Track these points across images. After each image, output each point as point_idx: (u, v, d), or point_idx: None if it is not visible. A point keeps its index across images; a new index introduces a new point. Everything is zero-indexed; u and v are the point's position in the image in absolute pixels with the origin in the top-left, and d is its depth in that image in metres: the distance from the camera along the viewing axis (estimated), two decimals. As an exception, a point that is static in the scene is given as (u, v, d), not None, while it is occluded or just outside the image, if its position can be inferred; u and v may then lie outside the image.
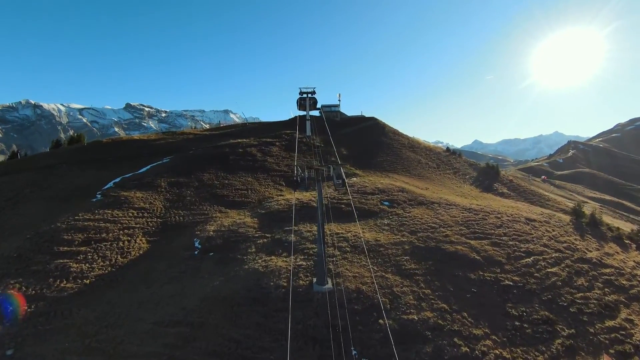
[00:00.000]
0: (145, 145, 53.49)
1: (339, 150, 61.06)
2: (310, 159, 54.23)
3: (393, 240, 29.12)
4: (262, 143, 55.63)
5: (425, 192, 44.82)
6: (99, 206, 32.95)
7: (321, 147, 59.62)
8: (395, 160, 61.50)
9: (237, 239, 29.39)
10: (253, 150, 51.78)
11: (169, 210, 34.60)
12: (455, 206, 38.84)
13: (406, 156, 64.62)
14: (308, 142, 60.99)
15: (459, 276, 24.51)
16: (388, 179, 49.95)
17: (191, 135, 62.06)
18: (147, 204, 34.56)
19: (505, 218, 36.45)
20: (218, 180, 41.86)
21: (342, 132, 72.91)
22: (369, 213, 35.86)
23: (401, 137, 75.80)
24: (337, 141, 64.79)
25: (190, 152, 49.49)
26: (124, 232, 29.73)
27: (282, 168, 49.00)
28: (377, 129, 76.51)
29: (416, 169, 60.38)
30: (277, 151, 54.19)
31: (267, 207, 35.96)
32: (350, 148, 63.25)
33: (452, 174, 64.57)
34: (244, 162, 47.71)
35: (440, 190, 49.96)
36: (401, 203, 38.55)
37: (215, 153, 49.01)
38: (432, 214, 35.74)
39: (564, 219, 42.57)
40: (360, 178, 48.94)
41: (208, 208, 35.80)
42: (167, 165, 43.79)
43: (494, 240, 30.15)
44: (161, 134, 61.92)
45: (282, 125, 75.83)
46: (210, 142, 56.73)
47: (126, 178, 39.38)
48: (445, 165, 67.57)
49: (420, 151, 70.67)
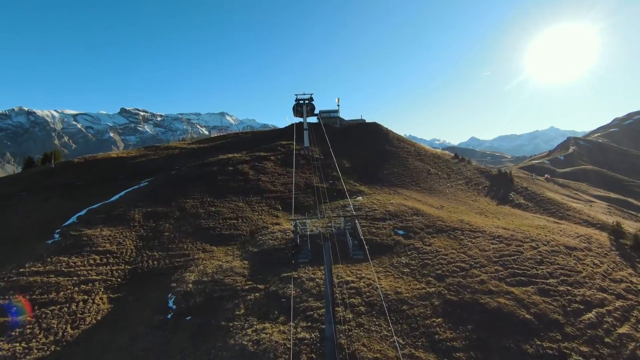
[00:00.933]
0: (122, 164, 47.18)
1: (341, 162, 55.05)
2: (310, 174, 48.16)
3: (418, 291, 23.09)
4: (256, 158, 49.45)
5: (442, 213, 38.87)
6: (53, 251, 26.71)
7: (321, 160, 53.56)
8: (403, 172, 55.50)
9: (223, 294, 23.27)
10: (245, 168, 45.59)
11: (142, 251, 28.40)
12: (481, 233, 32.91)
13: (414, 166, 58.66)
14: (306, 154, 54.92)
15: (512, 349, 18.54)
16: (398, 197, 43.96)
17: (177, 149, 55.77)
18: (114, 244, 28.35)
19: (542, 248, 30.57)
20: (203, 207, 35.67)
21: (343, 140, 66.84)
22: (382, 247, 29.83)
23: (406, 144, 69.84)
24: (338, 151, 58.83)
25: (173, 172, 43.27)
26: (80, 289, 23.53)
27: (278, 188, 42.85)
28: (380, 135, 70.48)
29: (426, 181, 54.43)
30: (272, 167, 48.04)
31: (261, 243, 29.86)
32: (353, 159, 57.20)
33: (464, 185, 58.72)
34: (234, 183, 41.54)
35: (456, 209, 44.05)
36: (418, 231, 32.55)
37: (201, 173, 42.80)
38: (457, 247, 29.79)
39: (603, 241, 36.86)
40: (367, 197, 42.92)
41: (190, 246, 29.63)
42: (145, 191, 37.54)
43: (541, 285, 24.22)
44: (143, 150, 55.60)
45: (277, 134, 69.62)
46: (197, 158, 50.49)
47: (93, 210, 33.13)
48: (455, 175, 61.72)
49: (427, 159, 64.76)
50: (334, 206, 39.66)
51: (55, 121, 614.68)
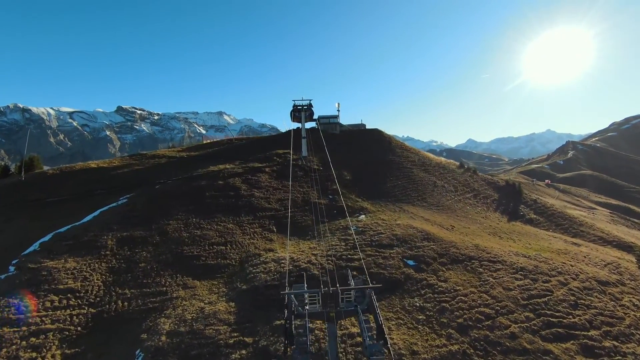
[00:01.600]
0: (102, 176, 42.71)
1: (341, 173, 50.95)
2: (308, 188, 44.04)
3: (438, 350, 19.04)
4: (249, 170, 45.21)
5: (454, 237, 34.90)
6: (4, 291, 22.42)
7: (320, 172, 49.44)
8: (408, 184, 51.48)
9: (201, 351, 19.11)
10: (237, 182, 41.35)
11: (112, 288, 24.17)
12: (501, 264, 28.99)
13: (419, 178, 54.66)
14: (304, 165, 50.73)
15: None
16: (405, 216, 39.94)
17: (164, 158, 51.30)
18: (79, 280, 24.10)
19: (573, 284, 26.72)
20: (188, 230, 31.44)
21: (343, 148, 62.72)
22: (391, 283, 25.77)
23: (410, 152, 65.86)
24: (338, 161, 54.69)
25: (157, 187, 38.94)
26: (29, 343, 19.28)
27: (273, 205, 38.68)
28: (383, 143, 66.43)
29: (433, 195, 50.45)
30: (266, 180, 43.83)
31: (251, 277, 25.71)
32: (354, 170, 53.10)
33: (472, 198, 54.85)
34: (224, 200, 37.30)
35: (468, 229, 40.12)
36: (431, 262, 28.54)
37: (188, 188, 38.50)
38: (476, 283, 25.83)
39: (633, 271, 33.24)
40: (370, 216, 38.86)
41: (168, 281, 25.43)
42: (122, 210, 33.21)
43: (583, 340, 20.28)
44: (127, 158, 51.07)
45: (274, 141, 65.38)
46: (186, 169, 46.15)
47: (60, 235, 28.81)
48: (463, 187, 57.84)
49: (432, 170, 60.83)
50: (334, 227, 35.58)
51: (50, 119, 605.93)
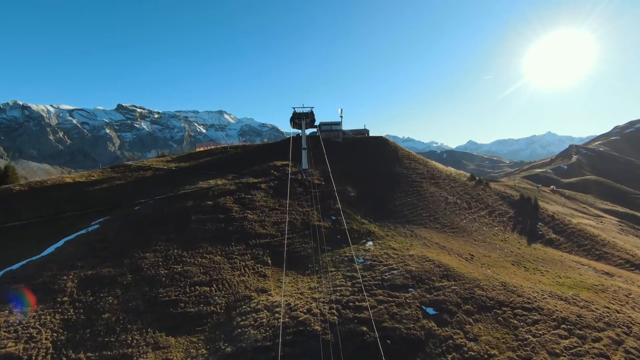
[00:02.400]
0: (76, 194, 37.75)
1: (345, 189, 46.03)
2: (308, 208, 39.15)
3: None
4: (243, 187, 40.27)
5: (477, 272, 30.02)
6: None
7: (321, 187, 44.55)
8: (418, 201, 46.58)
9: None
10: (228, 202, 36.42)
11: (63, 352, 19.28)
12: (538, 313, 24.17)
13: (429, 194, 49.75)
14: (304, 179, 45.83)
15: None
16: (418, 243, 35.04)
17: (150, 171, 46.25)
18: (22, 341, 19.21)
19: (629, 343, 21.94)
20: (167, 265, 26.55)
21: (347, 158, 57.80)
22: (409, 342, 20.89)
23: (417, 163, 60.93)
24: (342, 174, 49.79)
25: (137, 208, 34.02)
26: None
27: (268, 229, 33.78)
28: (389, 153, 61.49)
29: (445, 213, 45.58)
30: (262, 199, 38.92)
31: (238, 334, 20.83)
32: (359, 185, 48.18)
33: (487, 216, 50.01)
34: (212, 225, 32.39)
35: (488, 258, 35.27)
36: (454, 310, 23.67)
37: (171, 210, 33.56)
38: (514, 344, 20.97)
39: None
40: (378, 243, 33.96)
41: (136, 338, 20.55)
42: (91, 240, 28.29)
43: None
44: (109, 171, 45.95)
45: (271, 150, 60.37)
46: (172, 185, 41.18)
47: (11, 273, 23.92)
48: (476, 203, 52.97)
49: (442, 183, 55.93)
50: (337, 257, 30.71)
51: (50, 116, 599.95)
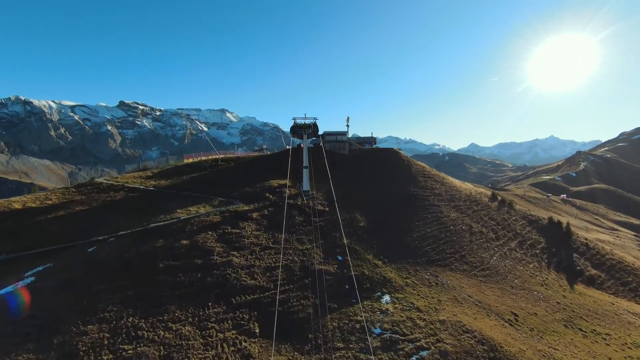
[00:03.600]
0: (22, 225, 30.16)
1: (353, 217, 38.50)
2: (310, 246, 31.65)
3: None
4: (230, 217, 32.75)
5: (527, 345, 22.53)
6: None
7: (325, 215, 37.07)
8: (439, 232, 39.01)
9: None
10: (209, 239, 28.90)
11: None
12: None
13: (451, 221, 42.19)
14: (305, 205, 38.28)
15: None
16: (447, 298, 27.51)
17: (122, 191, 38.52)
18: None
19: None
20: (114, 345, 19.06)
21: (354, 175, 50.26)
22: None
23: (433, 180, 53.27)
24: (348, 196, 42.29)
25: (90, 250, 26.56)
26: None
27: (258, 279, 26.28)
28: (402, 169, 53.86)
29: (472, 248, 38.04)
30: (252, 233, 31.40)
31: None
32: (369, 211, 40.63)
33: (518, 248, 42.47)
34: (185, 275, 24.89)
35: (534, 317, 27.72)
36: None
37: (134, 254, 25.99)
38: None
39: None
40: (397, 299, 26.41)
41: None
42: (13, 305, 20.79)
43: None
44: (73, 192, 38.09)
45: (269, 164, 52.72)
46: (144, 213, 33.68)
47: None
48: (503, 231, 45.43)
49: (463, 206, 48.35)
50: (345, 324, 23.21)
51: (52, 112, 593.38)
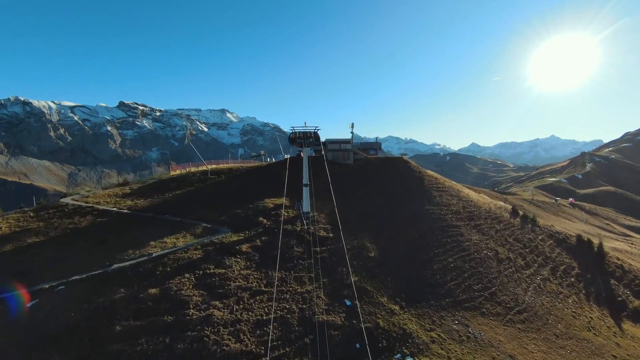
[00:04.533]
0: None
1: (362, 244, 32.51)
2: (310, 288, 25.72)
3: None
4: (215, 251, 26.76)
5: None
6: None
7: (328, 243, 31.12)
8: (463, 262, 33.00)
9: None
10: (186, 285, 22.90)
11: None
12: None
13: (474, 246, 36.21)
14: (305, 230, 32.28)
15: None
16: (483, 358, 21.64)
17: (90, 215, 32.41)
18: None
19: None
20: None
21: (360, 190, 44.30)
22: None
23: (449, 195, 47.23)
24: (355, 216, 36.32)
25: (31, 305, 20.51)
26: None
27: (247, 342, 20.25)
28: (413, 181, 47.82)
29: (502, 281, 32.05)
30: (240, 274, 25.40)
31: None
32: (380, 236, 34.62)
33: (551, 276, 36.49)
34: (148, 343, 18.78)
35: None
36: None
37: (84, 310, 19.93)
38: None
39: None
40: (425, 369, 20.48)
41: None
42: None
43: None
44: (30, 217, 32.06)
45: (265, 177, 46.68)
46: (110, 244, 27.72)
47: None
48: (532, 255, 39.46)
49: (484, 225, 42.39)
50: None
51: (51, 112, 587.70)
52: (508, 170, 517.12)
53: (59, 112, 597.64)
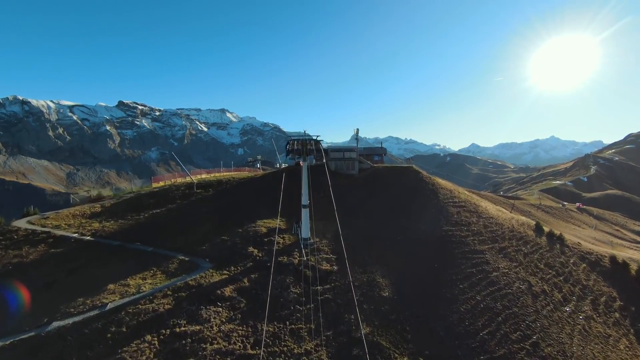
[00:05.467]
0: None
1: (372, 280, 26.75)
2: (310, 346, 19.94)
3: None
4: (187, 300, 21.02)
5: None
6: None
7: (333, 279, 25.41)
8: (493, 298, 27.29)
9: None
10: (144, 357, 17.17)
11: None
12: None
13: (503, 275, 30.48)
14: (303, 263, 26.53)
15: None
16: None
17: (40, 246, 26.71)
18: None
19: None
20: None
21: (367, 207, 38.55)
22: None
23: (466, 210, 41.47)
24: (363, 242, 30.54)
25: None
26: None
27: None
28: (425, 195, 42.05)
29: (543, 326, 26.31)
30: (220, 331, 19.59)
31: None
32: (392, 268, 28.87)
33: (594, 312, 30.79)
34: None
35: None
36: None
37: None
38: None
39: None
40: None
41: None
42: None
43: None
44: None
45: (260, 191, 40.91)
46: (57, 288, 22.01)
47: None
48: (568, 285, 33.71)
49: (510, 248, 36.67)
50: None
51: (50, 112, 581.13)
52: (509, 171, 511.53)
53: (57, 112, 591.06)
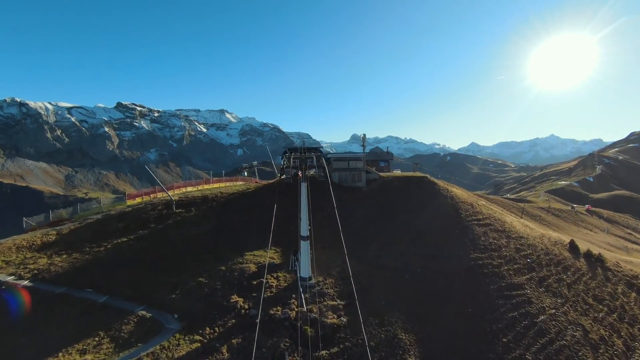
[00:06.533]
0: None
1: (392, 337, 20.36)
2: None
3: None
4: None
5: None
6: None
7: (342, 338, 19.01)
8: (546, 357, 21.13)
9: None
10: None
11: None
12: None
13: (552, 319, 24.24)
14: (303, 312, 20.26)
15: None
16: None
17: None
18: None
19: None
20: None
21: (379, 230, 32.19)
22: None
23: (493, 230, 35.18)
24: (375, 277, 24.27)
25: None
26: None
27: None
28: (445, 213, 35.62)
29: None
30: None
31: None
32: (417, 316, 22.61)
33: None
34: None
35: None
36: None
37: None
38: None
39: None
40: None
41: None
42: None
43: None
44: None
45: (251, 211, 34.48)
46: None
47: None
48: (625, 325, 27.44)
49: (548, 276, 30.37)
50: None
51: (48, 113, 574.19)
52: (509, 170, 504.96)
53: (55, 113, 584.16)
